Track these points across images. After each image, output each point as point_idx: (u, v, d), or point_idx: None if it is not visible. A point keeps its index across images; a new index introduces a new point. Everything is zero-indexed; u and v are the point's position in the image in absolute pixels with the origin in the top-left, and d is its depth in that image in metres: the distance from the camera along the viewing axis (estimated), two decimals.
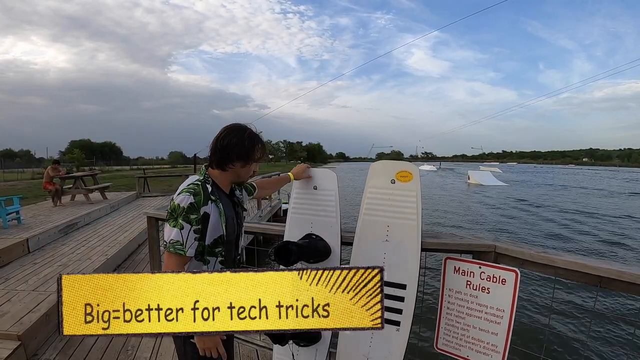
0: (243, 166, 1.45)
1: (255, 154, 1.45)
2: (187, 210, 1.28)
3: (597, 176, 56.07)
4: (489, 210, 18.09)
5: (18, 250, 5.13)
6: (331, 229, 1.97)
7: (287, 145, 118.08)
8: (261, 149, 1.48)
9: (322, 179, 2.05)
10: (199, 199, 1.31)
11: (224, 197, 1.45)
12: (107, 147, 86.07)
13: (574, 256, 1.62)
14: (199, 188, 1.34)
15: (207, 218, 1.33)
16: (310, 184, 2.06)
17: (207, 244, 1.36)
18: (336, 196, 1.99)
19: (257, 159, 1.48)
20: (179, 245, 1.28)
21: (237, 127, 1.44)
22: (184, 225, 1.28)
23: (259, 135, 1.50)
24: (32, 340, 2.93)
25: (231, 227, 1.44)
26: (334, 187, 2.01)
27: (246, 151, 1.42)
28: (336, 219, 1.96)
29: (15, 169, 33.36)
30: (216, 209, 1.36)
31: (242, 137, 1.41)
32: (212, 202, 1.35)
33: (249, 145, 1.42)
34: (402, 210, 1.81)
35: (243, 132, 1.43)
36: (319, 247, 1.93)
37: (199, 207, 1.30)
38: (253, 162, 1.47)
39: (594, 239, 11.55)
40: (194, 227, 1.29)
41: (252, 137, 1.44)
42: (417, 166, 1.85)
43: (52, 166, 9.56)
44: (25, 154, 68.71)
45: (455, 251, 1.85)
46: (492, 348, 1.69)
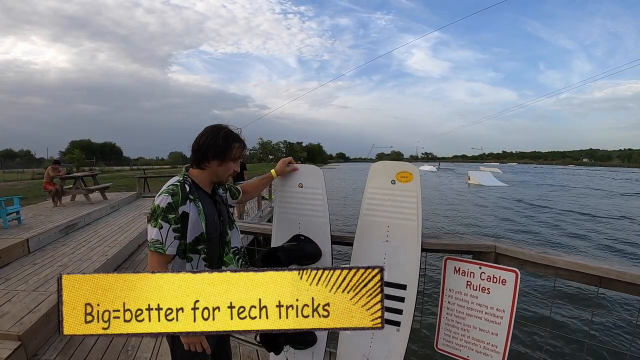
0: (220, 165, 1.45)
1: (231, 152, 1.45)
2: (165, 210, 1.32)
3: (597, 176, 56.04)
4: (489, 210, 18.08)
5: (18, 250, 5.13)
6: (320, 230, 1.91)
7: (288, 145, 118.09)
8: (239, 148, 1.48)
9: (308, 176, 1.96)
10: (176, 199, 1.34)
11: (204, 196, 1.47)
12: (107, 148, 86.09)
13: (574, 256, 1.62)
14: (177, 188, 1.37)
15: (186, 217, 1.36)
16: (295, 181, 1.97)
17: (189, 242, 1.39)
18: (324, 194, 1.92)
19: (234, 158, 1.47)
20: (158, 244, 1.32)
21: (213, 127, 1.47)
22: (163, 225, 1.32)
23: (238, 134, 1.50)
24: (33, 341, 2.93)
25: (212, 225, 1.45)
26: (320, 185, 1.93)
27: (221, 150, 1.43)
28: (325, 219, 1.91)
29: (16, 169, 33.37)
30: (195, 208, 1.39)
31: (217, 136, 1.43)
32: (190, 201, 1.38)
33: (223, 144, 1.43)
34: (403, 210, 1.81)
35: (218, 131, 1.44)
36: (308, 250, 1.86)
37: (177, 206, 1.34)
38: (230, 160, 1.47)
39: (592, 242, 11.55)
40: (172, 226, 1.33)
41: (227, 136, 1.44)
42: (417, 167, 1.85)
43: (52, 166, 9.57)
44: (25, 154, 68.76)
45: (456, 251, 1.85)
46: (492, 348, 1.69)
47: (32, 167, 36.98)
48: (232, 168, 1.50)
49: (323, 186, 1.93)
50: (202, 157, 1.44)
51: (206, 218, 1.42)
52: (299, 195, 1.96)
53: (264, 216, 10.00)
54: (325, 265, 1.91)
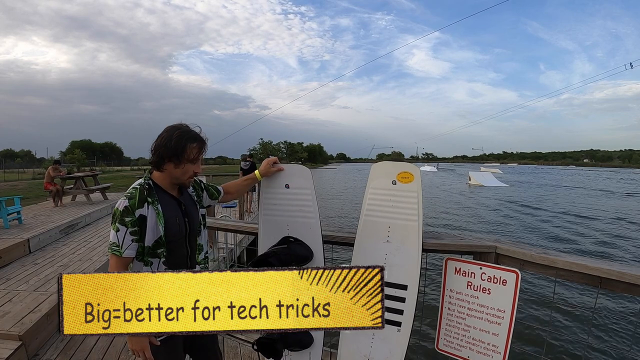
0: (176, 167, 1.41)
1: (186, 154, 1.39)
2: (122, 213, 1.32)
3: (597, 177, 55.99)
4: (490, 211, 18.07)
5: (19, 250, 5.13)
6: (311, 230, 1.88)
7: (288, 146, 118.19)
8: (195, 149, 1.41)
9: (295, 176, 1.90)
10: (132, 202, 1.34)
11: (166, 198, 1.44)
12: (107, 148, 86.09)
13: (574, 257, 1.62)
14: (136, 192, 1.36)
15: (143, 220, 1.35)
16: (281, 182, 1.91)
17: (148, 246, 1.38)
18: (313, 194, 1.88)
19: (191, 159, 1.41)
20: (115, 246, 1.33)
21: (169, 127, 1.41)
22: (120, 228, 1.32)
23: (198, 134, 1.44)
24: (33, 341, 2.94)
25: (174, 227, 1.42)
26: (309, 185, 1.88)
27: (174, 152, 1.37)
28: (316, 220, 1.87)
29: (16, 169, 33.42)
30: (153, 211, 1.37)
31: (170, 137, 1.37)
32: (149, 204, 1.36)
33: (175, 145, 1.37)
34: (403, 211, 1.81)
35: (172, 131, 1.39)
36: (299, 252, 1.84)
37: (134, 210, 1.33)
38: (187, 162, 1.41)
39: (594, 241, 11.53)
40: (129, 229, 1.33)
41: (180, 137, 1.37)
42: (418, 167, 1.85)
43: (52, 166, 9.58)
44: (26, 154, 68.82)
45: (456, 252, 1.85)
46: (492, 349, 1.69)
47: (32, 167, 37.04)
48: (190, 170, 1.44)
49: (311, 186, 1.88)
50: (158, 160, 1.40)
51: (166, 221, 1.40)
52: (286, 197, 1.92)
53: None
54: (318, 265, 1.90)
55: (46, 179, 9.37)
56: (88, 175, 11.18)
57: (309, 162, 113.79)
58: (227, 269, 0.68)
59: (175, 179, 1.45)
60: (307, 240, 1.89)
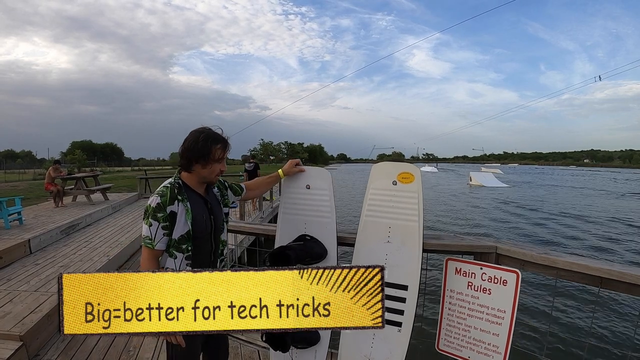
0: (203, 167, 1.51)
1: (212, 155, 1.50)
2: (155, 209, 1.44)
3: (600, 177, 55.91)
4: (490, 211, 18.05)
5: (20, 250, 5.14)
6: (326, 230, 1.94)
7: (289, 146, 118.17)
8: (220, 149, 1.52)
9: (316, 178, 2.00)
10: (164, 200, 1.45)
11: (194, 197, 1.55)
12: (108, 148, 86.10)
13: (575, 257, 1.62)
14: (167, 190, 1.48)
15: (174, 216, 1.47)
16: (303, 182, 2.01)
17: (174, 239, 1.49)
18: (331, 195, 1.95)
19: (217, 159, 1.52)
20: (148, 240, 1.45)
21: (195, 131, 1.53)
22: (152, 223, 1.44)
23: (220, 135, 1.55)
24: (34, 341, 2.94)
25: (200, 223, 1.53)
26: (328, 186, 1.97)
27: (201, 153, 1.48)
28: (331, 219, 1.94)
29: (17, 170, 33.45)
30: (183, 208, 1.49)
31: (197, 139, 1.48)
32: (179, 201, 1.48)
33: (202, 147, 1.48)
34: (404, 211, 1.81)
35: (198, 135, 1.50)
36: (315, 249, 1.90)
37: (165, 206, 1.45)
38: (213, 162, 1.52)
39: (595, 242, 11.52)
40: (161, 224, 1.45)
41: (206, 139, 1.49)
42: (418, 167, 1.85)
43: (53, 167, 9.59)
44: (26, 154, 68.86)
45: (457, 252, 1.85)
46: (493, 349, 1.69)
47: (33, 168, 37.07)
48: (217, 169, 1.55)
49: (330, 188, 1.97)
50: (187, 162, 1.51)
51: (194, 217, 1.50)
52: (306, 197, 2.00)
53: (265, 217, 10.01)
54: (331, 264, 1.91)
55: (47, 180, 9.37)
56: (89, 176, 11.19)
57: (309, 162, 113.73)
58: (227, 268, 0.68)
59: (203, 178, 1.56)
60: (323, 239, 1.95)
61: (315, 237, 1.96)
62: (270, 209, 10.90)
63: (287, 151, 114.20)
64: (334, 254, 1.93)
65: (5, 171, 30.05)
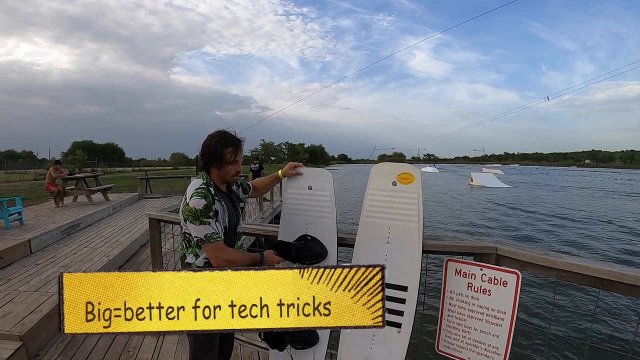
0: (219, 169, 1.62)
1: (224, 158, 1.58)
2: (205, 209, 1.53)
3: (599, 178, 55.85)
4: (491, 212, 18.03)
5: (20, 251, 5.14)
6: (327, 230, 1.95)
7: (289, 147, 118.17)
8: (232, 152, 1.60)
9: (317, 179, 2.02)
10: (209, 200, 1.55)
11: (223, 196, 1.68)
12: (109, 148, 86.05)
13: (575, 258, 1.62)
14: (206, 191, 1.56)
15: (217, 214, 1.58)
16: (304, 183, 2.03)
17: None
18: (332, 196, 1.98)
19: (230, 162, 1.60)
20: (216, 235, 1.55)
21: (210, 135, 1.62)
22: (210, 221, 1.54)
23: (234, 137, 1.63)
24: (34, 341, 2.94)
25: (232, 219, 1.68)
26: (329, 187, 1.99)
27: (215, 156, 1.58)
28: (333, 220, 1.95)
29: (18, 170, 33.46)
30: (221, 207, 1.61)
31: (209, 145, 1.58)
32: (217, 201, 1.60)
33: (214, 150, 1.57)
34: (404, 212, 1.81)
35: (211, 139, 1.59)
36: (315, 249, 1.91)
37: (211, 205, 1.55)
38: (226, 165, 1.60)
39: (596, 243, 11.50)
40: (215, 220, 1.56)
41: (217, 144, 1.57)
42: (418, 168, 1.85)
43: (53, 167, 9.60)
44: (27, 154, 68.78)
45: (457, 253, 1.85)
46: (493, 350, 1.69)
47: (34, 168, 37.07)
48: (232, 170, 1.64)
49: (332, 188, 1.99)
50: (204, 165, 1.63)
51: (228, 215, 1.65)
52: (308, 197, 2.02)
53: (265, 217, 10.00)
54: (331, 264, 1.92)
55: (47, 180, 9.37)
56: (89, 176, 11.19)
57: (310, 163, 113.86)
58: (228, 268, 0.68)
59: (221, 178, 1.67)
60: (323, 239, 1.96)
61: (316, 237, 1.97)
62: (270, 209, 10.90)
63: (287, 152, 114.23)
64: (334, 254, 1.94)
65: (6, 171, 30.07)
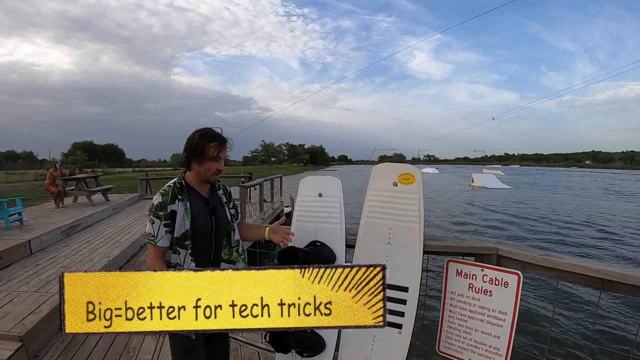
0: (200, 165, 1.56)
1: (206, 153, 1.53)
2: (157, 207, 1.50)
3: (599, 178, 55.83)
4: (492, 213, 18.02)
5: (20, 251, 5.14)
6: (336, 236, 1.97)
7: (290, 148, 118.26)
8: (215, 147, 1.54)
9: (327, 186, 2.05)
10: (165, 199, 1.51)
11: (195, 197, 1.61)
12: (109, 149, 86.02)
13: (576, 259, 1.61)
14: (169, 189, 1.53)
15: (174, 214, 1.52)
16: (315, 191, 2.06)
17: (177, 237, 1.53)
18: (341, 203, 2.00)
19: (211, 158, 1.54)
20: (150, 237, 1.50)
21: (195, 130, 1.58)
22: (155, 220, 1.50)
23: (218, 134, 1.58)
24: (34, 342, 2.93)
25: (199, 222, 1.57)
26: (338, 194, 2.02)
27: (197, 150, 1.53)
28: (341, 226, 1.97)
29: (18, 170, 33.46)
30: (182, 207, 1.54)
31: (192, 138, 1.54)
32: (179, 201, 1.53)
33: (197, 143, 1.52)
34: (405, 212, 1.81)
35: (195, 133, 1.55)
36: (324, 254, 1.92)
37: (166, 205, 1.50)
38: (208, 160, 1.55)
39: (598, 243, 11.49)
40: (163, 221, 1.50)
41: (200, 138, 1.53)
42: (419, 169, 1.85)
43: (54, 167, 9.61)
44: (27, 155, 68.74)
45: (458, 254, 1.85)
46: (494, 351, 1.68)
47: (34, 169, 37.08)
48: (213, 167, 1.57)
49: (340, 195, 2.02)
50: (186, 160, 1.59)
51: (193, 216, 1.55)
52: (318, 204, 2.04)
53: (266, 219, 10.00)
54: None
55: (48, 180, 9.38)
56: (90, 177, 11.19)
57: (310, 164, 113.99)
58: (228, 266, 0.68)
59: (202, 176, 1.59)
60: (332, 244, 1.97)
61: (325, 242, 1.98)
62: (270, 211, 10.90)
63: (288, 152, 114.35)
64: (342, 258, 1.95)
65: (6, 172, 30.06)
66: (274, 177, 12.27)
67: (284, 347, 1.82)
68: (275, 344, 1.81)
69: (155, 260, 1.53)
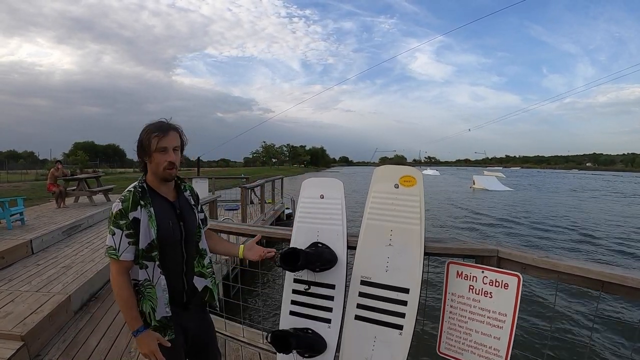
0: (150, 161, 1.42)
1: (151, 145, 1.38)
2: (116, 216, 1.34)
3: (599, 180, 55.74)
4: (493, 215, 18.00)
5: (22, 251, 5.15)
6: (337, 237, 1.98)
7: (291, 149, 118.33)
8: (157, 138, 1.37)
9: (329, 188, 2.07)
10: (126, 205, 1.34)
11: (160, 201, 1.44)
12: (110, 149, 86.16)
13: (576, 261, 1.62)
14: (130, 194, 1.37)
15: (137, 223, 1.35)
16: (317, 192, 2.07)
17: (142, 248, 1.37)
18: (342, 204, 2.01)
19: (156, 150, 1.38)
20: (112, 250, 1.34)
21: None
22: (115, 231, 1.34)
23: (161, 123, 1.42)
24: (35, 341, 2.95)
25: (167, 230, 1.41)
26: (340, 196, 2.03)
27: (141, 147, 1.40)
28: (342, 227, 1.98)
29: (19, 170, 33.53)
30: (146, 214, 1.37)
31: (141, 133, 1.41)
32: (141, 207, 1.37)
33: (140, 139, 1.40)
34: (406, 214, 1.82)
35: (143, 128, 1.41)
36: (325, 255, 1.93)
37: (127, 212, 1.34)
38: (154, 153, 1.39)
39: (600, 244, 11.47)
40: (125, 232, 1.33)
41: (143, 131, 1.40)
42: (420, 171, 1.86)
43: (55, 167, 9.64)
44: (29, 155, 68.82)
45: (458, 255, 1.85)
46: (494, 352, 1.69)
47: (35, 169, 37.14)
48: (162, 160, 1.39)
49: (342, 196, 2.03)
50: (141, 161, 1.45)
51: (159, 224, 1.39)
52: (320, 206, 2.05)
53: (267, 219, 10.01)
54: (340, 270, 1.94)
55: (49, 180, 9.41)
56: (91, 177, 11.22)
57: (311, 165, 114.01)
58: None
59: (155, 174, 1.44)
60: (334, 246, 1.98)
61: (327, 244, 1.99)
62: (272, 212, 10.90)
63: (289, 153, 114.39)
64: (343, 259, 1.95)
65: (7, 171, 30.12)
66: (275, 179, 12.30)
67: (286, 347, 1.82)
68: (276, 345, 1.81)
69: (118, 278, 1.35)
